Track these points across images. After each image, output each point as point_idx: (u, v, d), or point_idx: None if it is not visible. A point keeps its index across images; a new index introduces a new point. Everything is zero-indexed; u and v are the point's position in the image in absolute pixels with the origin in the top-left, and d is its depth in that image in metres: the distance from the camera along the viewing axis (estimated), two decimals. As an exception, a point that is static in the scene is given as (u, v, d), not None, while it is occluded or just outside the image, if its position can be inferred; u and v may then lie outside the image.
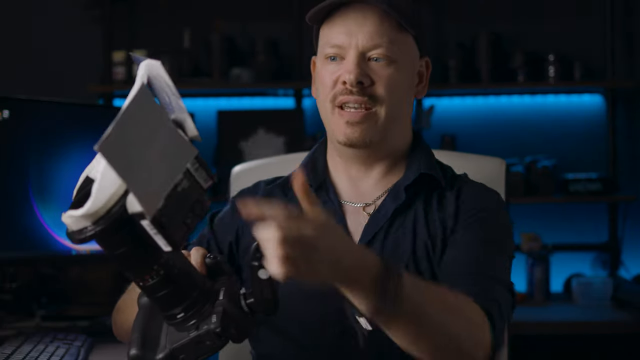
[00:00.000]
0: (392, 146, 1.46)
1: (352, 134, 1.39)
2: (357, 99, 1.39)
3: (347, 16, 1.40)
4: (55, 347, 1.73)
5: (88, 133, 2.19)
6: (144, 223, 0.94)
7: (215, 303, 1.05)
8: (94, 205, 0.95)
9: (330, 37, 1.41)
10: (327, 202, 1.46)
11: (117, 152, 0.92)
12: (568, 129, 3.75)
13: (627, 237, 3.67)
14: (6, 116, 2.01)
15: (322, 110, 1.45)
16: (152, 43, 3.65)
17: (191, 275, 1.06)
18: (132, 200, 0.94)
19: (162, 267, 1.02)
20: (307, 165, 1.49)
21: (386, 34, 1.39)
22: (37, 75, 3.64)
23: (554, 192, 3.54)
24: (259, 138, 3.60)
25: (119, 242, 0.98)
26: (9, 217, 2.03)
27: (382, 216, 1.42)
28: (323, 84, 1.42)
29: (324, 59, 1.43)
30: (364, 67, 1.39)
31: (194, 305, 1.05)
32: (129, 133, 0.93)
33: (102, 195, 0.95)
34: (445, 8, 3.81)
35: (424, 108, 3.68)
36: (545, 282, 3.50)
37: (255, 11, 3.74)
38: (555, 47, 3.61)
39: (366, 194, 1.46)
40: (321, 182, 1.48)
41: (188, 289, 1.05)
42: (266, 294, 1.06)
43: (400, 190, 1.43)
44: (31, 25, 3.74)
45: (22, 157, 2.05)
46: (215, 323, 1.03)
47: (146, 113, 0.96)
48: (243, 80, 3.56)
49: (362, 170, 1.46)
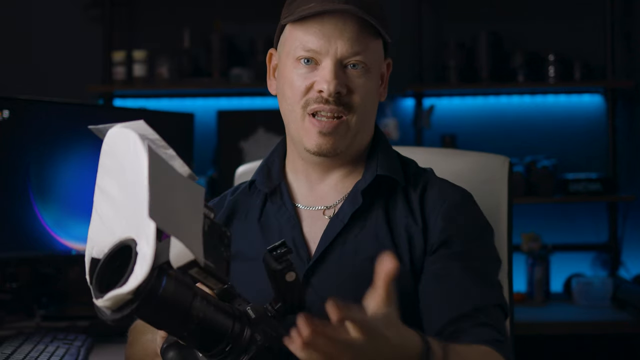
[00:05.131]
0: (355, 150, 1.43)
1: (324, 144, 1.37)
2: (332, 108, 1.35)
3: (324, 20, 1.35)
4: (55, 347, 1.73)
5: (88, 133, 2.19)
6: (193, 271, 0.97)
7: (251, 323, 1.07)
8: (136, 279, 0.95)
9: (305, 40, 1.36)
10: (281, 207, 1.43)
11: (162, 214, 0.93)
12: (568, 129, 3.75)
13: (627, 237, 3.67)
14: (6, 116, 2.01)
15: (288, 114, 1.40)
16: (152, 43, 3.65)
17: (220, 309, 1.07)
18: (178, 253, 0.96)
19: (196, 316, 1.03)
20: (262, 170, 1.47)
21: (364, 42, 1.36)
22: (37, 75, 3.64)
23: (554, 192, 3.54)
24: (259, 138, 3.60)
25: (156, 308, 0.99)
26: (9, 217, 2.03)
27: (340, 221, 1.39)
28: (292, 87, 1.38)
29: (294, 60, 1.37)
30: (341, 76, 1.35)
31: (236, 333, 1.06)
32: (160, 193, 0.95)
33: (144, 267, 0.95)
34: (445, 8, 3.81)
35: (424, 108, 3.68)
36: (545, 282, 3.50)
37: (255, 11, 3.74)
38: (555, 47, 3.61)
39: (324, 197, 1.44)
40: (275, 186, 1.45)
41: (224, 322, 1.06)
42: (296, 295, 1.09)
43: (357, 193, 1.40)
44: (31, 25, 3.74)
45: (22, 157, 2.05)
46: (261, 339, 1.06)
47: (161, 170, 0.98)
48: (243, 80, 3.56)
49: (322, 173, 1.44)
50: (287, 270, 1.07)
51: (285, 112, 1.42)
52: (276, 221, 1.42)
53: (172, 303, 0.99)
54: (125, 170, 0.99)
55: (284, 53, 1.41)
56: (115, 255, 0.99)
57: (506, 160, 1.73)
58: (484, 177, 1.48)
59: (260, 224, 1.44)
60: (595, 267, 3.70)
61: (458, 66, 3.60)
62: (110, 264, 0.99)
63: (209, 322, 1.04)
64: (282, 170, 1.47)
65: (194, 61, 3.64)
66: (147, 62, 3.55)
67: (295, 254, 1.39)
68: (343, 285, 1.36)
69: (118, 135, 1.01)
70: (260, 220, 1.45)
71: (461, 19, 3.80)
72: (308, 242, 1.41)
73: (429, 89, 3.68)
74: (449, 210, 1.39)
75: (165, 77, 3.54)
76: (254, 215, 1.46)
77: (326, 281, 1.37)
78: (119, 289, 0.95)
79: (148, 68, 3.56)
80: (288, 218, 1.42)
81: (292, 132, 1.42)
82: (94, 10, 3.72)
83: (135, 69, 3.56)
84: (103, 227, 1.02)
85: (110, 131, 1.02)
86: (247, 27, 3.69)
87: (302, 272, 1.37)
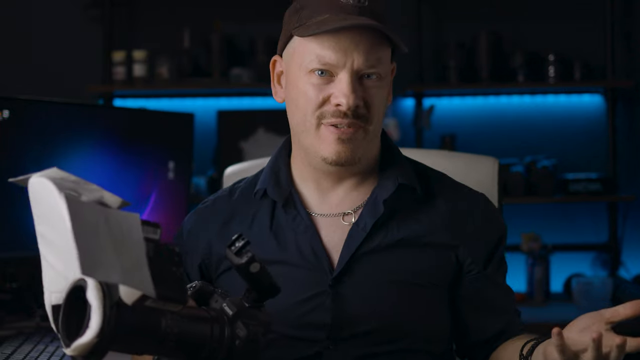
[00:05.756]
0: (368, 158, 1.42)
1: (343, 151, 1.35)
2: (350, 122, 1.34)
3: (340, 34, 1.32)
4: (55, 347, 1.73)
5: (88, 133, 2.20)
6: (149, 302, 0.98)
7: (230, 320, 1.08)
8: (92, 330, 0.95)
9: (320, 53, 1.33)
10: (296, 216, 1.42)
11: (96, 266, 0.92)
12: (568, 129, 3.75)
13: (627, 237, 3.67)
14: (6, 116, 2.01)
15: (301, 124, 1.38)
16: (152, 43, 3.64)
17: (194, 317, 1.06)
18: (127, 290, 0.96)
19: (170, 333, 1.02)
20: (271, 178, 1.44)
21: (378, 52, 1.35)
22: (37, 75, 3.64)
23: (553, 192, 3.54)
24: (259, 138, 3.60)
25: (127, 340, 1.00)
26: (9, 217, 2.03)
27: (362, 229, 1.39)
28: (306, 97, 1.35)
29: (307, 71, 1.35)
30: (358, 89, 1.34)
31: (217, 336, 1.06)
32: (89, 245, 0.93)
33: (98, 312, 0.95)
34: (445, 8, 3.81)
35: (424, 108, 3.68)
36: (545, 282, 3.50)
37: (255, 11, 3.73)
38: (555, 47, 3.61)
39: (338, 205, 1.42)
40: (287, 195, 1.43)
41: (202, 329, 1.06)
42: (266, 282, 1.10)
43: (378, 202, 1.40)
44: (31, 25, 3.73)
45: (22, 157, 2.05)
46: (243, 333, 1.07)
47: (86, 220, 0.95)
48: (243, 80, 3.55)
49: (334, 182, 1.42)
50: (250, 262, 1.08)
51: (297, 122, 1.40)
52: (291, 231, 1.41)
53: (142, 330, 0.99)
54: (52, 217, 0.98)
55: (295, 64, 1.38)
56: (72, 298, 0.99)
57: (496, 161, 1.74)
58: (474, 179, 1.49)
59: (273, 232, 1.42)
60: (595, 267, 3.70)
61: (458, 66, 3.60)
62: (71, 307, 0.99)
63: (185, 335, 1.03)
64: (290, 178, 1.45)
65: (194, 61, 3.64)
66: (147, 62, 3.55)
67: (317, 264, 1.38)
68: (371, 293, 1.37)
69: (38, 185, 0.99)
70: (272, 228, 1.43)
71: (461, 19, 3.80)
72: (328, 250, 1.40)
73: (429, 89, 3.68)
74: (482, 223, 1.45)
75: (165, 77, 3.54)
76: (263, 222, 1.44)
77: (354, 290, 1.37)
78: (80, 339, 0.95)
79: (148, 68, 3.56)
80: (305, 227, 1.40)
81: (304, 143, 1.39)
82: (94, 10, 3.72)
83: (135, 69, 3.56)
84: (55, 274, 1.02)
85: (30, 181, 1.00)
86: (247, 27, 3.69)
87: (327, 282, 1.37)
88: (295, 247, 1.39)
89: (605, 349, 1.15)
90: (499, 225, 1.48)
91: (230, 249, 1.09)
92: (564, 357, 1.17)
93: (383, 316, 1.36)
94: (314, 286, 1.37)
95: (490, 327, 1.44)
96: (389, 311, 1.37)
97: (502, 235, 1.47)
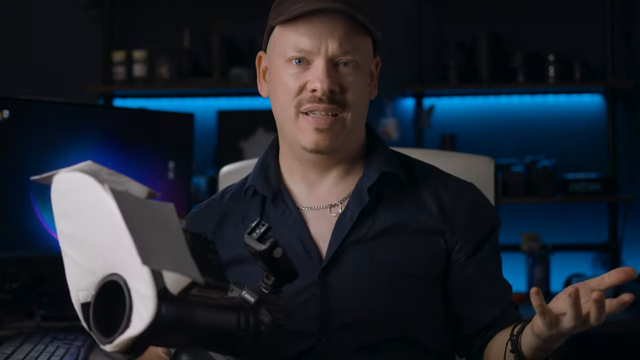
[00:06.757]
0: (352, 148, 1.44)
1: (321, 140, 1.37)
2: (326, 107, 1.36)
3: (314, 20, 1.35)
4: (55, 347, 1.73)
5: (88, 133, 2.20)
6: (194, 291, 0.97)
7: (253, 308, 1.08)
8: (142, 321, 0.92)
9: (296, 40, 1.36)
10: (284, 210, 1.43)
11: (151, 255, 0.92)
12: (568, 129, 3.75)
13: (627, 237, 3.67)
14: (6, 116, 2.01)
15: (282, 114, 1.41)
16: (152, 43, 3.65)
17: (221, 307, 1.06)
18: (174, 278, 0.95)
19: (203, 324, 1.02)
20: (260, 175, 1.46)
21: (354, 40, 1.37)
22: (37, 75, 3.64)
23: (553, 192, 3.54)
24: (258, 138, 3.60)
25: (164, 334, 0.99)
26: (9, 217, 2.03)
27: (349, 219, 1.40)
28: (285, 87, 1.38)
29: (285, 61, 1.38)
30: (334, 75, 1.36)
31: (243, 324, 1.06)
32: (141, 235, 0.93)
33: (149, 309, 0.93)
34: (445, 8, 3.81)
35: (424, 108, 3.68)
36: (545, 282, 3.50)
37: (255, 11, 3.73)
38: (555, 47, 3.61)
39: (325, 197, 1.44)
40: (276, 190, 1.45)
41: (230, 319, 1.05)
42: (286, 267, 1.10)
43: (363, 191, 1.41)
44: (31, 25, 3.74)
45: (22, 157, 2.05)
46: (268, 320, 1.07)
47: (131, 209, 0.95)
48: (243, 80, 3.56)
49: (320, 173, 1.44)
50: (272, 247, 1.08)
51: (278, 113, 1.43)
52: (281, 225, 1.42)
53: (179, 324, 0.98)
54: (84, 213, 0.97)
55: (275, 55, 1.41)
56: (103, 293, 0.97)
57: (491, 161, 1.76)
58: (470, 179, 1.50)
59: None
60: (596, 267, 3.70)
61: (458, 66, 3.60)
62: (102, 303, 0.98)
63: (216, 326, 1.03)
64: (279, 173, 1.47)
65: (194, 61, 3.65)
66: (147, 62, 3.56)
67: (306, 256, 1.40)
68: (361, 283, 1.38)
69: (68, 180, 0.99)
70: None
71: (461, 19, 3.80)
72: (317, 242, 1.41)
73: (429, 89, 3.69)
74: (471, 210, 1.44)
75: (165, 77, 3.54)
76: (253, 219, 1.45)
77: (343, 280, 1.38)
78: (126, 332, 0.93)
79: (148, 68, 3.56)
80: (294, 221, 1.42)
81: (286, 133, 1.42)
82: (94, 10, 3.72)
83: (135, 69, 3.56)
84: (81, 270, 1.00)
85: (58, 177, 1.00)
86: (247, 27, 3.69)
87: (316, 273, 1.38)
88: (285, 241, 1.39)
89: (584, 311, 1.16)
90: (490, 214, 1.48)
91: (250, 235, 1.09)
92: (544, 320, 1.17)
93: (372, 306, 1.37)
94: (304, 278, 1.36)
95: (482, 317, 1.43)
96: (378, 301, 1.37)
97: (494, 225, 1.46)
